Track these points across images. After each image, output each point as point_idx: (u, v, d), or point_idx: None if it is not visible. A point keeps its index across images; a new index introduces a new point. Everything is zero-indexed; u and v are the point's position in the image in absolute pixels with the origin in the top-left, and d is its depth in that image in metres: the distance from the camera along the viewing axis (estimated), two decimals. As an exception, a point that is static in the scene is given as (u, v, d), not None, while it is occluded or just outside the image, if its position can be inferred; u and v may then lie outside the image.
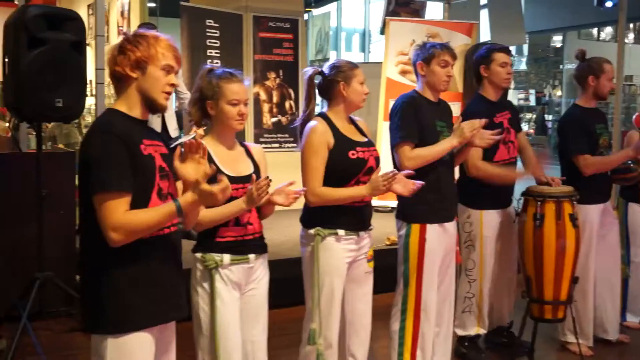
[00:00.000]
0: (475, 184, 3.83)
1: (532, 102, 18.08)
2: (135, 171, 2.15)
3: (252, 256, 2.75)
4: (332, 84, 3.08)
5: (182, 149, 2.30)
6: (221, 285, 2.66)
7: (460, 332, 4.05)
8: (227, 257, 2.68)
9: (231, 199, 2.63)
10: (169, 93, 2.28)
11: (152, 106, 2.27)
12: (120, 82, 2.25)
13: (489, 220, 3.94)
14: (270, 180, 2.67)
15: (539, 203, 3.81)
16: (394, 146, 3.39)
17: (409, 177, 3.06)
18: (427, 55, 3.46)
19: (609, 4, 7.27)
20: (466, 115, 3.55)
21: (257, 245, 2.79)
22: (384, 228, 5.27)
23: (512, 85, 16.94)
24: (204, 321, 2.66)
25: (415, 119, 3.37)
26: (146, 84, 2.23)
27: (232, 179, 2.59)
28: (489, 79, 3.95)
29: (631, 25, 16.03)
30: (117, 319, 2.17)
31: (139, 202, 2.16)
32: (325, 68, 3.13)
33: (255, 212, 2.77)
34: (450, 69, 3.46)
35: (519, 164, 4.17)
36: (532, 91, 17.99)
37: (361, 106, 3.16)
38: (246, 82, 2.76)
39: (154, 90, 2.24)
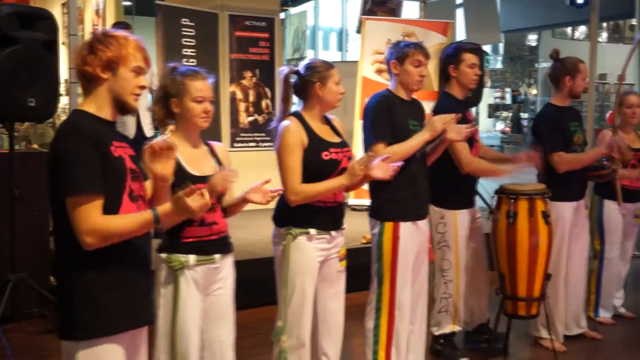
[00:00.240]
0: (447, 185, 3.85)
1: (509, 100, 18.22)
2: (106, 173, 2.12)
3: (217, 256, 2.73)
4: (307, 84, 3.06)
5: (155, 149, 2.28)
6: (185, 286, 2.64)
7: (436, 331, 4.07)
8: (192, 258, 2.66)
9: None
10: (138, 94, 2.26)
11: (123, 108, 2.25)
12: (90, 82, 2.21)
13: (462, 220, 3.97)
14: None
15: (512, 201, 3.85)
16: (369, 146, 3.40)
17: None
18: (401, 54, 3.47)
19: (580, 1, 7.35)
20: (437, 113, 3.58)
21: (223, 245, 2.77)
22: (360, 226, 5.29)
23: (489, 84, 17.06)
24: (164, 321, 2.64)
25: (388, 118, 3.38)
26: (117, 86, 2.21)
27: (197, 179, 2.57)
28: (457, 79, 3.96)
29: (604, 25, 16.21)
30: (90, 323, 2.14)
31: (110, 204, 2.14)
32: (301, 68, 3.11)
33: (220, 211, 2.75)
34: (423, 69, 3.47)
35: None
36: (508, 90, 18.13)
37: (337, 106, 3.16)
38: (210, 79, 2.73)
39: (124, 92, 2.22)
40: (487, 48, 12.71)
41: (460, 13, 9.15)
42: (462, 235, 3.97)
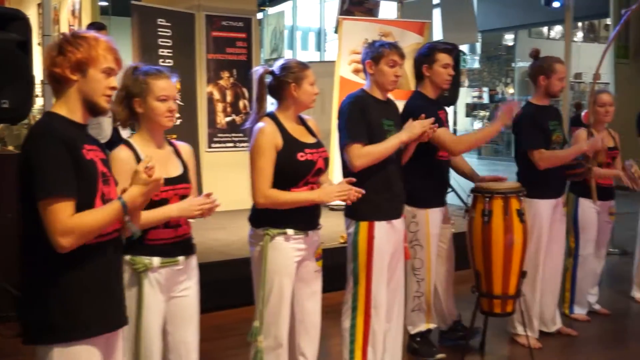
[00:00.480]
0: (419, 184, 3.84)
1: (486, 99, 18.32)
2: (79, 176, 2.11)
3: (181, 258, 2.72)
4: (282, 84, 3.06)
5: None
6: (148, 289, 2.62)
7: (411, 330, 4.09)
8: (156, 260, 2.64)
9: (161, 200, 2.61)
10: (109, 96, 2.24)
11: (94, 109, 2.22)
12: (60, 83, 2.19)
13: (434, 219, 3.98)
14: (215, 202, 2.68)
15: (487, 199, 3.88)
16: (343, 146, 3.40)
17: (350, 183, 3.06)
18: (376, 54, 3.48)
19: (556, 4, 7.44)
20: (408, 112, 3.59)
21: (186, 246, 2.76)
22: (338, 226, 5.27)
23: (466, 83, 17.15)
24: (127, 324, 2.61)
25: (362, 118, 3.38)
26: (87, 87, 2.18)
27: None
28: (430, 78, 3.96)
29: (580, 24, 16.36)
30: (66, 326, 2.12)
31: (83, 208, 2.12)
32: (276, 68, 3.11)
33: None
34: (398, 69, 3.48)
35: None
36: (486, 89, 18.23)
37: (311, 106, 3.16)
38: (173, 78, 2.72)
39: (95, 93, 2.19)
40: (464, 48, 12.79)
41: (437, 13, 9.21)
42: (434, 234, 3.98)
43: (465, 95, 17.75)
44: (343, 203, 3.52)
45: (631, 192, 4.90)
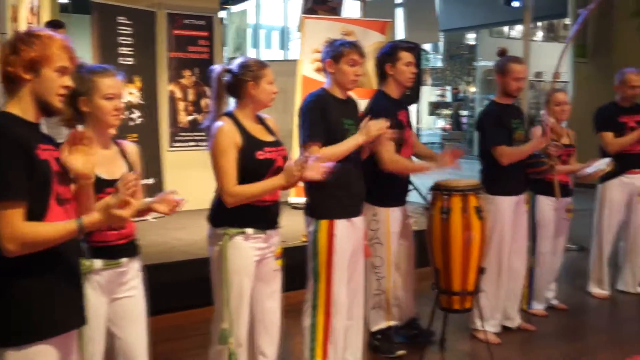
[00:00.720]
0: (381, 183, 3.88)
1: (449, 98, 18.53)
2: (32, 177, 2.07)
3: (124, 260, 2.68)
4: (240, 83, 3.05)
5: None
6: (91, 291, 2.58)
7: (372, 327, 4.12)
8: (98, 262, 2.61)
9: None
10: (63, 95, 2.21)
11: (47, 109, 2.19)
12: (13, 83, 2.14)
13: (394, 218, 4.02)
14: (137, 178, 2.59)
15: (445, 197, 3.91)
16: (301, 146, 3.42)
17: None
18: (336, 53, 3.49)
19: (515, 4, 7.56)
20: (370, 112, 3.61)
21: (130, 249, 2.73)
22: (300, 225, 5.28)
23: (429, 82, 17.31)
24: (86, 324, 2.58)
25: (321, 118, 3.40)
26: (40, 87, 2.14)
27: (106, 182, 2.53)
28: (394, 77, 4.00)
29: (540, 24, 16.62)
30: (20, 329, 2.09)
31: (37, 209, 2.09)
32: (234, 66, 3.09)
33: None
34: (358, 68, 3.50)
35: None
36: (448, 87, 18.42)
37: (269, 105, 3.15)
38: (119, 76, 2.68)
39: (48, 93, 2.16)
40: (427, 47, 12.92)
41: (400, 12, 9.29)
42: (394, 232, 4.01)
43: (429, 94, 17.93)
44: (304, 201, 3.53)
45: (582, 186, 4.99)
